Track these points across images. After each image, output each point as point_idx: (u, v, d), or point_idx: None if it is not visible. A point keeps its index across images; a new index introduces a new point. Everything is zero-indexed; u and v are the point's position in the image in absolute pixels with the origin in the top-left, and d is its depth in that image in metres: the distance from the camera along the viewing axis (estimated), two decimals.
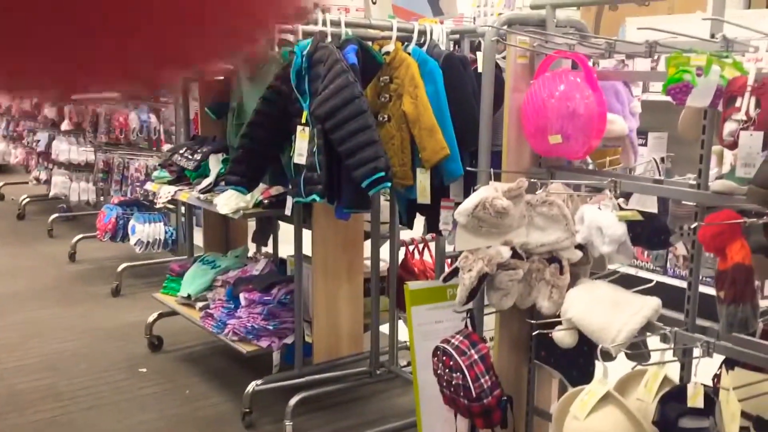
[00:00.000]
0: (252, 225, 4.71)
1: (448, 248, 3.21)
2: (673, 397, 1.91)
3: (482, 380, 2.19)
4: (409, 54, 2.66)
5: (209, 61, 0.88)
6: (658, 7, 5.26)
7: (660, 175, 2.41)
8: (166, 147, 5.82)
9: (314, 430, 3.27)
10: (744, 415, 1.77)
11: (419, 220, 3.04)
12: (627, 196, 2.19)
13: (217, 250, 4.39)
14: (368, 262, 3.55)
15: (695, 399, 1.88)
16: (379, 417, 3.38)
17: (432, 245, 3.51)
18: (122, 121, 5.58)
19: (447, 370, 2.23)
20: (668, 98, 4.17)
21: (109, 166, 5.86)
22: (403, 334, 3.68)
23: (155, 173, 4.16)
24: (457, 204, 2.67)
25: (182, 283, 4.00)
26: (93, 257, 6.09)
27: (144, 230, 5.25)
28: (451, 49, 2.90)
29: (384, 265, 3.57)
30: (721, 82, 1.74)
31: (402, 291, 3.40)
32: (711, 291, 1.81)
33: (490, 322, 2.51)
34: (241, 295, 3.53)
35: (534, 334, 2.20)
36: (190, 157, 3.90)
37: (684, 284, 4.81)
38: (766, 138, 1.60)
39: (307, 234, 3.39)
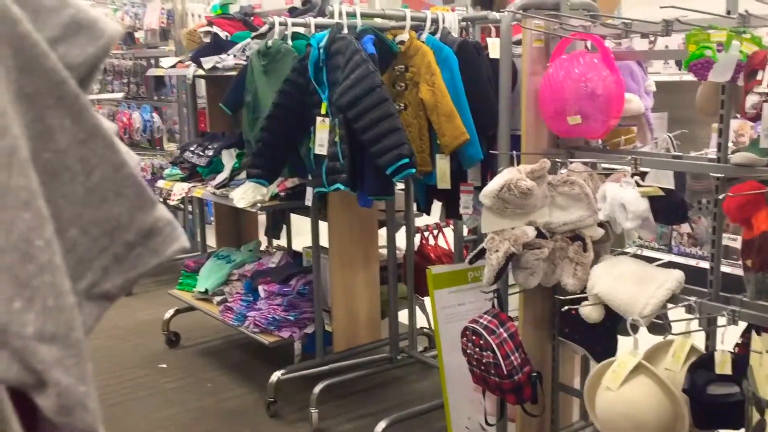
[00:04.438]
0: (262, 219, 4.75)
1: (466, 232, 3.27)
2: (700, 366, 1.97)
3: (512, 357, 2.24)
4: (423, 42, 2.71)
5: None
6: None
7: (675, 151, 2.46)
8: (169, 146, 5.85)
9: (339, 417, 3.33)
10: None
11: (436, 206, 3.09)
12: (642, 174, 2.25)
13: (229, 245, 4.43)
14: (384, 251, 3.59)
15: (723, 366, 1.95)
16: (402, 401, 3.44)
17: (447, 231, 3.57)
18: (126, 120, 5.60)
19: (477, 349, 2.28)
20: (666, 78, 4.18)
21: None
22: (420, 319, 3.75)
23: (166, 171, 4.19)
24: (476, 188, 2.73)
25: (198, 279, 4.04)
26: None
27: None
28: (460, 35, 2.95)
29: (399, 253, 3.62)
30: (740, 57, 1.79)
31: (419, 277, 3.47)
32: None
33: (513, 302, 2.56)
34: (260, 288, 3.58)
35: (562, 310, 2.25)
36: (201, 153, 3.93)
37: (690, 261, 4.85)
38: None
39: (321, 225, 3.44)
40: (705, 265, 2.21)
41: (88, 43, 0.63)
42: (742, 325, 2.03)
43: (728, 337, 2.02)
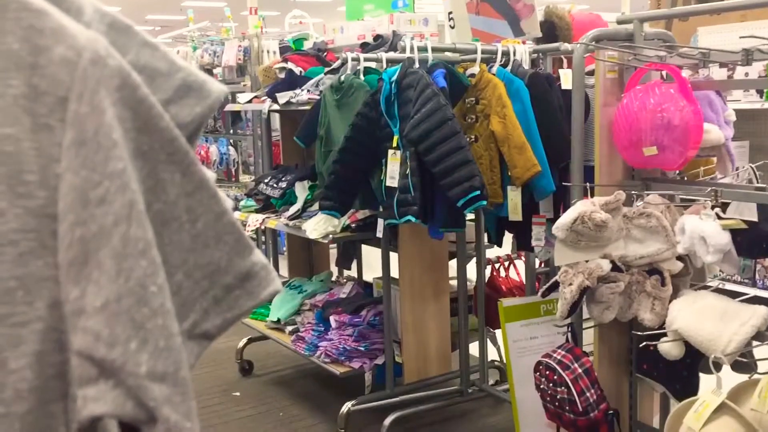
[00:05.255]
0: (333, 249, 4.81)
1: (538, 264, 3.23)
2: None
3: (588, 394, 2.19)
4: (494, 75, 2.72)
5: None
6: (729, 16, 5.19)
7: (757, 182, 2.38)
8: (244, 178, 6.02)
9: None
10: None
11: (507, 238, 3.07)
12: (722, 205, 2.18)
13: (301, 275, 4.50)
14: (454, 282, 3.58)
15: None
16: None
17: (518, 263, 3.53)
18: (203, 154, 5.80)
19: (551, 385, 2.24)
20: (748, 106, 4.03)
21: None
22: (491, 352, 3.70)
23: (242, 203, 4.31)
24: (549, 220, 2.70)
25: (271, 308, 4.11)
26: None
27: None
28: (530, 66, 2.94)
29: (470, 284, 3.60)
30: None
31: (490, 309, 3.43)
32: None
33: (588, 336, 2.51)
34: (331, 318, 3.61)
35: (640, 346, 2.19)
36: (275, 185, 4.03)
37: None
38: None
39: (392, 256, 3.45)
40: None
41: (196, 103, 0.69)
42: None
43: None
